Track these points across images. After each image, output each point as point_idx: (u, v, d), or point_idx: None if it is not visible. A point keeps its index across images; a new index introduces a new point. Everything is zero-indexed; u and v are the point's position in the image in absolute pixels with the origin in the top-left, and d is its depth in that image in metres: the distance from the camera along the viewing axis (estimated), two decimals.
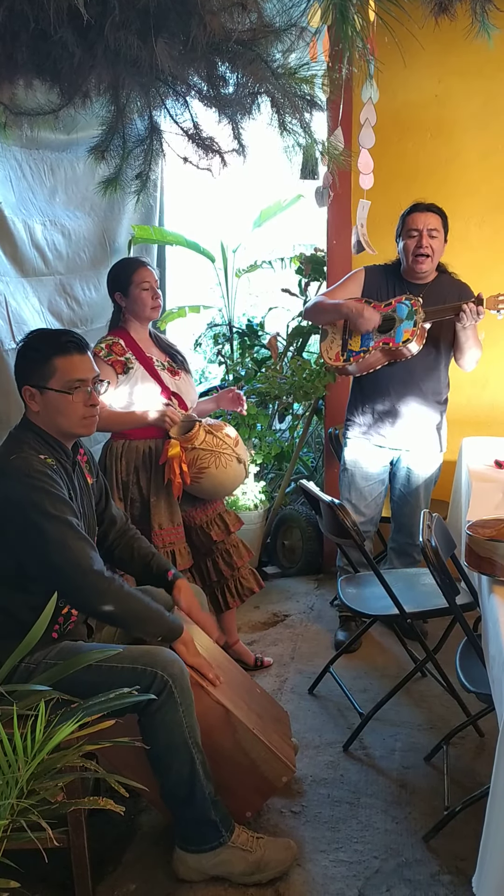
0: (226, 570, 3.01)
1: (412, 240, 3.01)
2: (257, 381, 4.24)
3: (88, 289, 3.69)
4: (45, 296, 3.36)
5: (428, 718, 2.77)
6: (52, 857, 1.51)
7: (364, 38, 1.87)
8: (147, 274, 2.87)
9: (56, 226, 3.43)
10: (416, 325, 2.94)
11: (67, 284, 3.53)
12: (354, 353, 3.07)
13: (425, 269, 3.04)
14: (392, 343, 2.97)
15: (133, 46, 1.50)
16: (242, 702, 2.21)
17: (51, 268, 3.39)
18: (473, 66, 3.44)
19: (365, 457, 3.24)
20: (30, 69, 1.69)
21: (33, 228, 3.25)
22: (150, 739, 1.90)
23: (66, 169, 3.46)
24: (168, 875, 2.04)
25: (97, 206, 3.75)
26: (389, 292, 3.09)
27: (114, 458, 2.87)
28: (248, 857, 2.00)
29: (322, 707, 2.88)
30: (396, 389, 3.12)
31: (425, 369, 3.11)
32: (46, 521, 1.90)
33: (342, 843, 2.17)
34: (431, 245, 3.00)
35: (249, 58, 1.64)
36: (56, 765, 1.47)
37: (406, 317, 2.97)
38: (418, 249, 3.00)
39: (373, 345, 3.02)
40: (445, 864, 2.07)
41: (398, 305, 3.00)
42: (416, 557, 3.32)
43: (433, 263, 3.05)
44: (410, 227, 3.01)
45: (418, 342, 2.96)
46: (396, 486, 3.31)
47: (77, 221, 3.60)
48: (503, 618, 1.75)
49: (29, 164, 3.21)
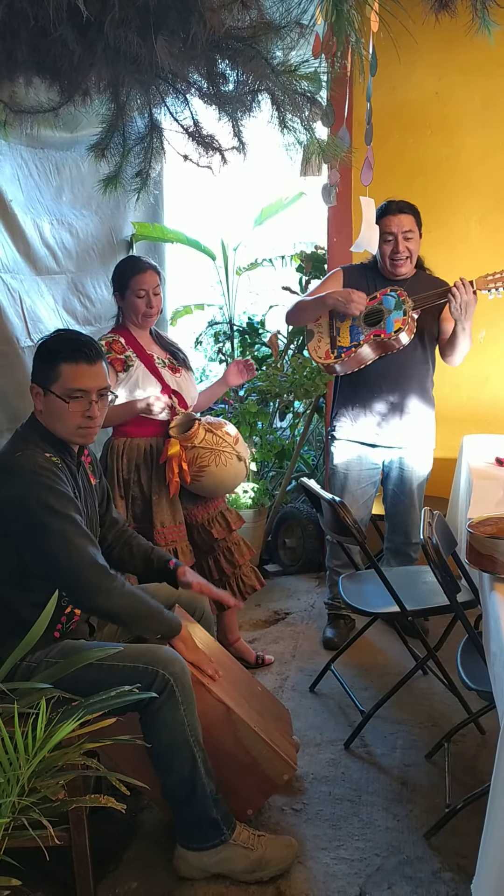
0: (227, 569, 3.01)
1: (388, 244, 2.97)
2: (258, 380, 4.24)
3: (99, 286, 3.70)
4: (59, 294, 3.37)
5: (429, 716, 2.77)
6: (53, 856, 1.52)
7: (360, 34, 1.86)
8: (145, 280, 2.84)
9: (63, 224, 3.43)
10: (405, 314, 2.90)
11: (79, 282, 3.54)
12: (345, 348, 3.02)
13: (404, 271, 3.01)
14: (383, 334, 2.93)
15: (133, 44, 1.50)
16: (244, 700, 2.21)
17: (62, 266, 3.39)
18: (474, 62, 3.43)
19: (357, 458, 3.20)
20: (29, 67, 1.69)
21: (42, 227, 3.25)
22: (152, 738, 1.90)
23: (70, 168, 3.46)
24: (169, 873, 2.04)
25: (103, 204, 3.75)
26: (370, 289, 3.05)
27: (115, 456, 2.87)
28: (249, 854, 2.01)
29: (323, 705, 2.88)
30: (389, 386, 3.07)
31: (415, 364, 3.07)
32: (50, 516, 1.90)
33: (343, 841, 2.18)
34: (408, 247, 2.97)
35: (249, 55, 1.63)
36: (57, 763, 1.47)
37: (394, 307, 2.94)
38: (395, 255, 2.97)
39: (363, 338, 2.98)
40: (447, 862, 2.07)
41: (384, 297, 2.97)
42: (412, 556, 3.30)
43: (412, 263, 3.02)
44: (385, 230, 2.95)
45: (409, 332, 2.92)
46: (389, 486, 3.27)
47: (84, 220, 3.60)
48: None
49: (35, 163, 3.21)
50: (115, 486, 2.85)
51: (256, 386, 4.21)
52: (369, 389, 3.10)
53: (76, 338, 2.07)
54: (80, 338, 2.07)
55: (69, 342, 2.03)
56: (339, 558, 3.28)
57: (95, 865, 1.95)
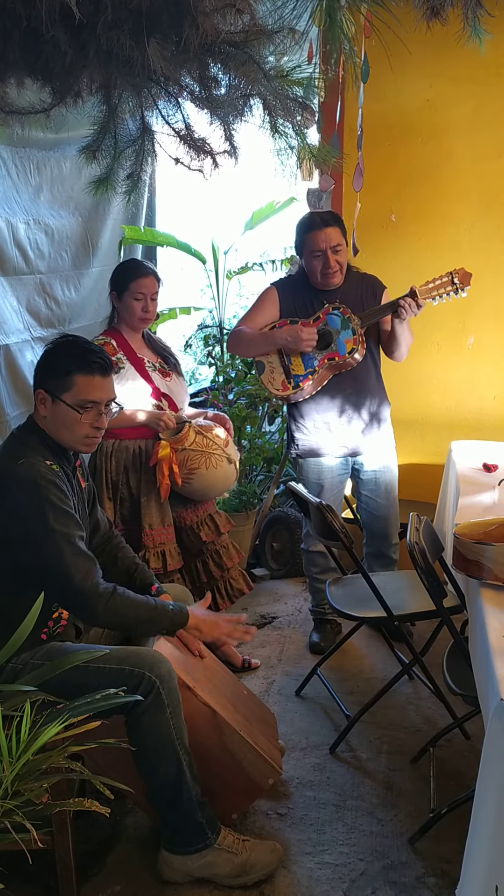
0: (216, 572, 3.01)
1: (317, 260, 2.93)
2: (247, 383, 4.24)
3: (69, 289, 3.68)
4: (23, 295, 3.34)
5: (414, 721, 2.77)
6: (36, 859, 1.51)
7: (353, 42, 1.87)
8: (144, 285, 2.85)
9: (40, 225, 3.41)
10: (355, 332, 2.91)
11: (48, 284, 3.51)
12: (301, 376, 2.99)
13: (337, 281, 2.99)
14: (337, 357, 2.94)
15: (125, 46, 1.50)
16: (229, 703, 2.21)
17: (31, 267, 3.37)
18: (465, 71, 3.45)
19: (327, 472, 3.16)
20: (21, 68, 1.69)
21: (16, 227, 3.22)
22: (137, 741, 1.90)
23: (52, 168, 3.44)
24: (153, 877, 2.04)
25: (82, 205, 3.74)
26: (307, 304, 3.02)
27: (104, 457, 2.86)
28: (233, 859, 2.00)
29: (309, 709, 2.88)
30: (348, 397, 3.05)
31: (366, 370, 3.06)
32: (47, 533, 1.90)
33: (328, 846, 2.18)
34: (338, 260, 2.94)
35: (241, 59, 1.64)
36: (41, 766, 1.46)
37: (341, 326, 2.93)
38: (326, 269, 2.93)
39: (317, 363, 2.97)
40: (430, 867, 2.07)
41: (328, 317, 2.96)
42: (392, 557, 3.29)
43: (343, 273, 3.00)
44: (313, 248, 2.92)
45: (361, 350, 2.95)
46: (362, 492, 3.24)
47: (61, 221, 3.58)
48: (490, 620, 1.76)
49: (15, 161, 3.18)
50: (103, 488, 2.84)
51: (245, 390, 4.22)
52: (329, 403, 3.07)
53: (90, 348, 2.07)
54: (93, 348, 2.07)
55: (84, 353, 2.03)
56: (316, 566, 3.28)
57: (79, 869, 1.94)
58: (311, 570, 3.32)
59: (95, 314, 3.82)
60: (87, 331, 3.61)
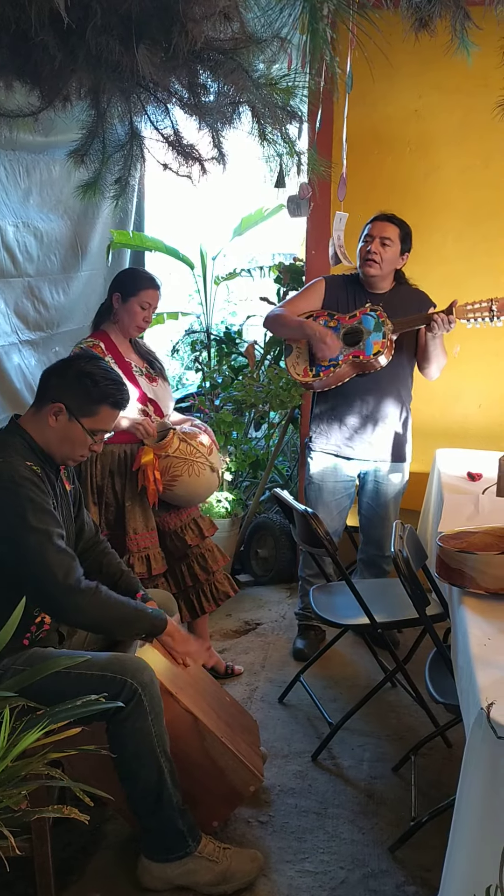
0: (201, 575, 3.00)
1: (366, 243, 3.04)
2: (234, 389, 4.24)
3: (57, 292, 3.67)
4: (11, 298, 3.33)
5: (396, 729, 2.78)
6: (14, 866, 1.50)
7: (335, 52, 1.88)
8: (153, 296, 2.90)
9: (29, 228, 3.40)
10: (384, 336, 2.94)
11: (36, 287, 3.51)
12: (323, 367, 3.05)
13: (372, 273, 3.04)
14: (362, 356, 2.98)
15: (114, 52, 1.50)
16: (211, 710, 2.20)
17: (20, 270, 3.36)
18: (453, 81, 3.48)
19: (332, 471, 3.21)
20: (10, 71, 1.69)
21: (5, 230, 3.22)
22: (118, 748, 1.88)
23: (41, 171, 3.44)
24: (133, 884, 2.02)
25: (71, 209, 3.73)
26: (350, 302, 3.09)
27: (89, 462, 2.85)
28: (214, 867, 1.99)
29: (291, 716, 2.87)
30: (366, 401, 3.10)
31: (392, 379, 3.10)
32: (27, 531, 1.89)
33: (308, 854, 2.17)
34: (381, 253, 3.00)
35: (231, 67, 1.64)
36: (20, 772, 1.45)
37: (374, 328, 2.98)
38: (367, 254, 3.02)
39: (342, 358, 3.02)
40: (411, 875, 2.07)
41: (364, 317, 3.01)
42: (385, 569, 3.32)
43: (382, 271, 3.04)
44: (368, 232, 3.05)
45: (388, 354, 2.97)
46: (365, 498, 3.29)
47: (50, 224, 3.58)
48: (472, 629, 1.76)
49: (4, 164, 3.18)
50: (88, 492, 2.83)
51: (232, 396, 4.22)
52: (346, 403, 3.12)
53: (123, 383, 2.12)
54: (122, 382, 2.12)
55: (115, 388, 2.07)
56: (311, 568, 3.28)
57: (58, 876, 1.92)
58: (306, 571, 3.33)
59: (83, 318, 3.81)
60: (74, 335, 3.60)
